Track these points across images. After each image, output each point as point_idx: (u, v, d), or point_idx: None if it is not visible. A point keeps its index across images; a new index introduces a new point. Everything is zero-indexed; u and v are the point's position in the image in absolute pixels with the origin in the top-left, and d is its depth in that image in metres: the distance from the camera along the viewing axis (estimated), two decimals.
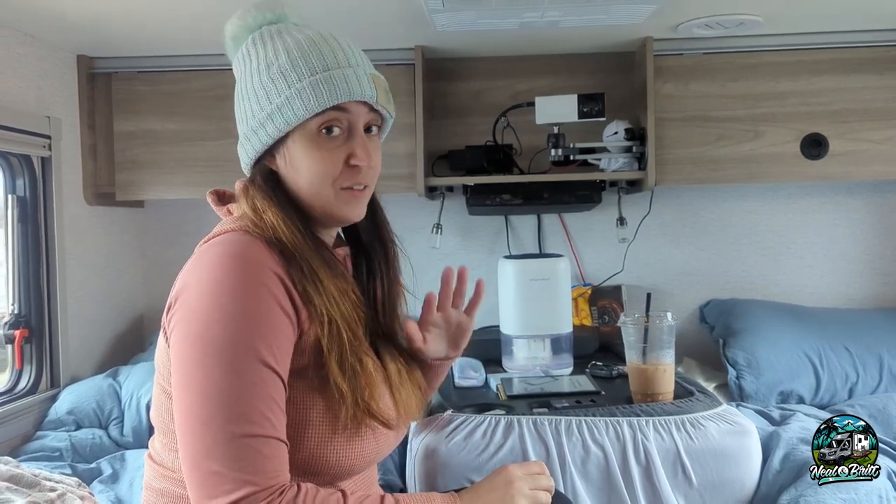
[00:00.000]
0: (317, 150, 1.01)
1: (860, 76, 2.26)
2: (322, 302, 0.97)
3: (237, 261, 0.94)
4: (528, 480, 1.04)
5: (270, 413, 0.90)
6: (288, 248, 0.98)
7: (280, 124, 1.01)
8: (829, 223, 2.56)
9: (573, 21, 2.01)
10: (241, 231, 0.99)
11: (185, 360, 0.91)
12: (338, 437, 0.98)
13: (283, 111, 1.00)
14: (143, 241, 2.63)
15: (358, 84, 1.00)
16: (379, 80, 1.04)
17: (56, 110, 2.18)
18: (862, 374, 2.16)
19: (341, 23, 2.02)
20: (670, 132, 2.28)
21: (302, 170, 1.02)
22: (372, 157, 1.05)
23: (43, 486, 1.26)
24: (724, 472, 1.49)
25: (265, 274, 0.94)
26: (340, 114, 1.01)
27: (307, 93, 0.99)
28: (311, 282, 0.97)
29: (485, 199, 2.29)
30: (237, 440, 0.87)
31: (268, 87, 1.01)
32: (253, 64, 1.04)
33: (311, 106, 0.99)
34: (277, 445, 0.90)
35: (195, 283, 0.94)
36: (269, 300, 0.92)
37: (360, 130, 1.03)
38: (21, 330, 2.06)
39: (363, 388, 0.99)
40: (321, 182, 1.02)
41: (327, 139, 1.02)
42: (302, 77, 0.99)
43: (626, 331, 1.69)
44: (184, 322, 0.92)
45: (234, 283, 0.92)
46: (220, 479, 0.86)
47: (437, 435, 1.51)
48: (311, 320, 0.97)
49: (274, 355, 0.91)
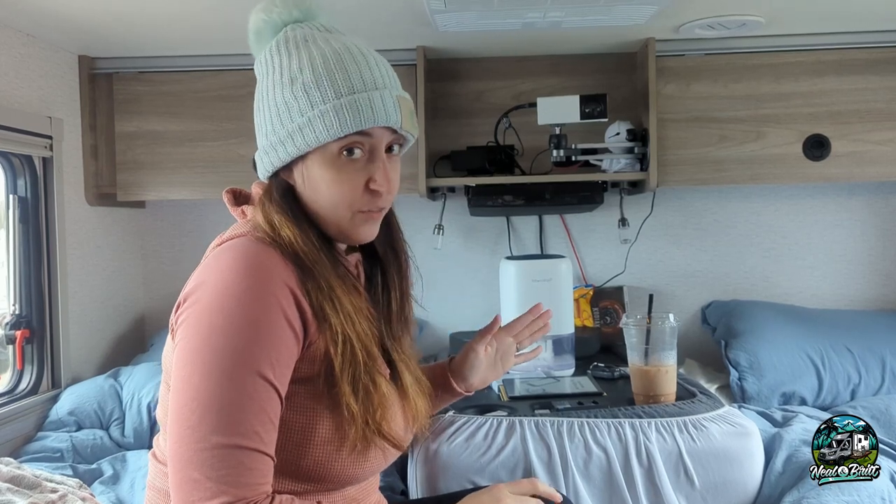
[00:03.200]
0: (336, 173, 0.98)
1: (863, 77, 2.25)
2: (339, 321, 0.95)
3: (249, 268, 0.92)
4: (517, 501, 1.05)
5: (260, 426, 0.88)
6: (305, 263, 0.96)
7: (300, 144, 0.97)
8: (832, 224, 2.55)
9: (575, 21, 2.01)
10: (256, 238, 0.97)
11: (185, 362, 0.90)
12: (344, 452, 0.97)
13: (304, 132, 0.97)
14: (145, 242, 2.63)
15: (384, 109, 0.97)
16: (405, 101, 1.01)
17: (57, 111, 2.18)
18: (864, 376, 2.16)
19: (342, 22, 2.01)
20: (672, 133, 2.28)
21: (320, 191, 1.00)
22: (392, 181, 1.02)
23: (44, 487, 1.25)
24: (727, 474, 1.48)
25: (276, 284, 0.92)
26: (363, 138, 0.98)
27: (330, 116, 0.95)
28: (328, 299, 0.96)
29: (486, 200, 2.28)
30: (220, 449, 0.85)
31: (290, 104, 0.98)
32: (276, 74, 1.00)
33: (334, 131, 0.96)
34: (261, 459, 0.88)
35: (205, 286, 0.93)
36: (276, 311, 0.91)
37: (381, 154, 1.01)
38: (22, 330, 2.05)
39: (375, 409, 0.97)
40: (339, 203, 0.99)
41: (347, 161, 0.99)
42: (326, 99, 0.96)
43: (627, 332, 1.69)
44: (189, 324, 0.92)
45: (242, 290, 0.90)
46: (198, 486, 0.85)
47: (439, 436, 1.51)
48: (321, 333, 0.95)
49: (273, 368, 0.90)
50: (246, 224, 1.02)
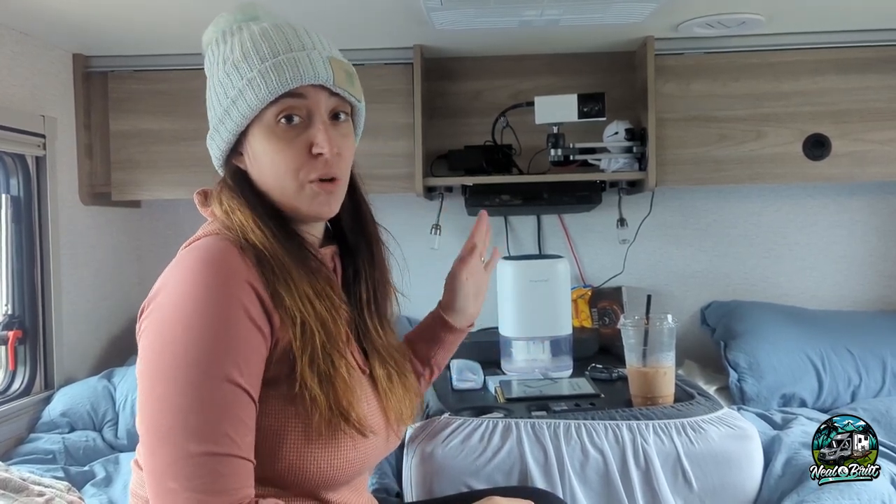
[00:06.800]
0: (276, 141, 0.97)
1: (863, 76, 2.24)
2: (293, 302, 0.93)
3: (210, 270, 0.90)
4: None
5: (232, 430, 0.86)
6: (258, 249, 0.94)
7: (237, 118, 0.98)
8: (832, 225, 2.54)
9: (573, 19, 1.99)
10: (218, 236, 0.96)
11: (149, 371, 0.88)
12: (313, 445, 0.94)
13: (237, 104, 0.97)
14: (139, 242, 2.61)
15: (311, 67, 0.96)
16: (339, 63, 1.00)
17: (51, 109, 2.16)
18: (865, 378, 2.14)
19: (339, 21, 2.00)
20: (671, 132, 2.26)
21: (264, 164, 0.99)
22: (337, 145, 0.99)
23: (31, 490, 1.24)
24: (725, 477, 1.47)
25: (237, 284, 0.90)
26: (297, 101, 0.97)
27: (257, 81, 0.95)
28: (282, 282, 0.94)
29: (484, 200, 2.27)
30: (194, 458, 0.84)
31: (224, 82, 0.99)
32: (213, 62, 1.02)
33: (263, 94, 0.95)
34: (238, 463, 0.86)
35: (166, 292, 0.91)
36: (240, 313, 0.89)
37: (321, 117, 0.99)
38: (15, 331, 2.03)
39: (338, 392, 0.95)
40: (283, 174, 0.98)
41: (286, 129, 0.98)
42: (252, 67, 0.96)
43: (626, 333, 1.67)
44: (151, 332, 0.90)
45: (204, 294, 0.88)
46: (176, 497, 0.84)
47: (434, 438, 1.49)
48: (284, 325, 0.93)
49: (241, 371, 0.88)
50: (212, 224, 1.01)
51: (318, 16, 1.91)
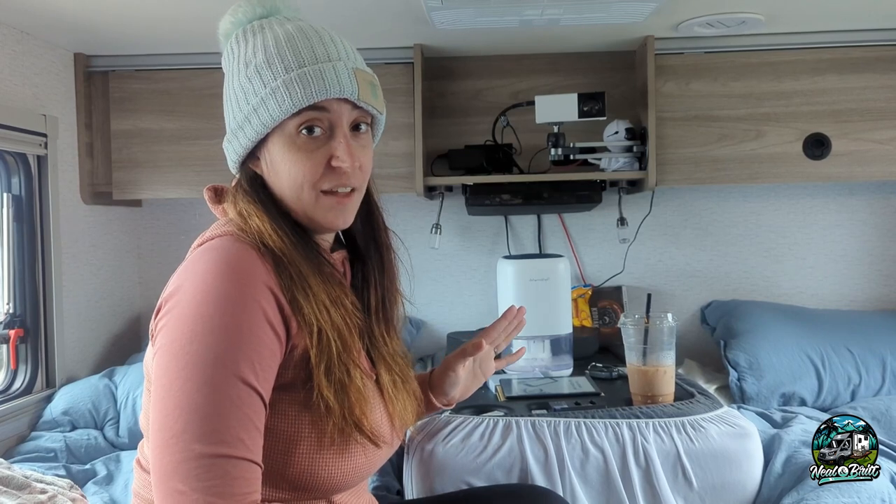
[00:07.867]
0: (296, 152, 0.97)
1: (863, 76, 2.24)
2: (311, 310, 0.93)
3: (228, 271, 0.90)
4: None
5: (244, 433, 0.85)
6: (277, 255, 0.94)
7: (257, 126, 0.96)
8: (832, 224, 2.54)
9: (573, 19, 2.00)
10: (234, 237, 0.95)
11: (165, 370, 0.87)
12: (325, 452, 0.94)
13: (258, 112, 0.96)
14: (140, 241, 2.62)
15: (336, 80, 0.95)
16: (364, 74, 0.99)
17: (52, 108, 2.16)
18: (864, 377, 2.14)
19: (338, 20, 2.00)
20: (671, 132, 2.26)
21: (282, 173, 0.98)
22: (358, 158, 0.99)
23: (33, 487, 1.24)
24: (725, 475, 1.47)
25: (256, 286, 0.90)
26: (320, 113, 0.96)
27: (281, 92, 0.94)
28: (300, 289, 0.93)
29: (484, 199, 2.27)
30: (204, 459, 0.83)
31: (245, 87, 0.97)
32: (234, 62, 1.00)
33: (286, 106, 0.94)
34: (248, 467, 0.85)
35: (184, 291, 0.90)
36: (258, 315, 0.88)
37: (342, 129, 0.98)
38: (16, 329, 2.04)
39: (352, 401, 0.95)
40: (301, 185, 0.97)
41: (307, 140, 0.97)
42: (277, 75, 0.95)
43: (626, 332, 1.68)
44: (169, 330, 0.89)
45: (222, 294, 0.88)
46: (183, 498, 0.82)
47: (435, 437, 1.49)
48: (301, 330, 0.93)
49: (256, 374, 0.87)
50: (227, 223, 1.00)
51: (318, 15, 1.91)
